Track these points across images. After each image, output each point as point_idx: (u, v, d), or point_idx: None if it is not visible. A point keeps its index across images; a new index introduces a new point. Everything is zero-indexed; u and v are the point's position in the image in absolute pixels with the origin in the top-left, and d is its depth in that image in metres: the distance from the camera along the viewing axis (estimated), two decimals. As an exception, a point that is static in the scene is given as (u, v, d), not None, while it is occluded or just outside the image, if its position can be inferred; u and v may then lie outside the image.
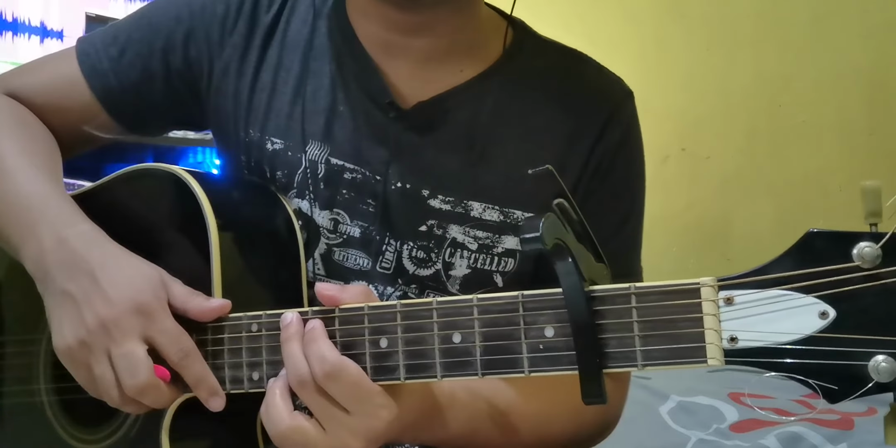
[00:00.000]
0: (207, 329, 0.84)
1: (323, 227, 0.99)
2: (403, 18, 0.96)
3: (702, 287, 0.59)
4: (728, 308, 0.58)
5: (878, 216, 0.57)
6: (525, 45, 1.03)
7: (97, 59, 1.05)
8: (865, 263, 0.55)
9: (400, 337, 0.71)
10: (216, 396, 0.82)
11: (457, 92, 0.99)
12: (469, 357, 0.68)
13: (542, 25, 1.07)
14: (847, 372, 0.55)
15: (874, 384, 0.54)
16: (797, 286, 0.56)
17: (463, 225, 0.97)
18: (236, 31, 1.03)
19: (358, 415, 0.72)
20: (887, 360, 0.54)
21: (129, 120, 1.08)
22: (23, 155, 0.97)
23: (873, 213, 0.57)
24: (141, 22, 1.07)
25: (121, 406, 0.83)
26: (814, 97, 2.01)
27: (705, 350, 0.58)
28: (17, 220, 0.90)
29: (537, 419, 0.92)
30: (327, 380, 0.72)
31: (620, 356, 0.61)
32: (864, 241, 0.55)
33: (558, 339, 0.64)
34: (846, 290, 0.55)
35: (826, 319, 0.56)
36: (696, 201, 2.08)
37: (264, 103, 1.01)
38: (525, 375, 0.65)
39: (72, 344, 0.82)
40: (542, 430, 0.93)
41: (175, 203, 0.92)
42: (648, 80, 2.12)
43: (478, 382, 0.88)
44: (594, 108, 1.00)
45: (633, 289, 0.61)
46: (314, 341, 0.73)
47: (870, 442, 1.31)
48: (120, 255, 0.85)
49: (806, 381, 0.56)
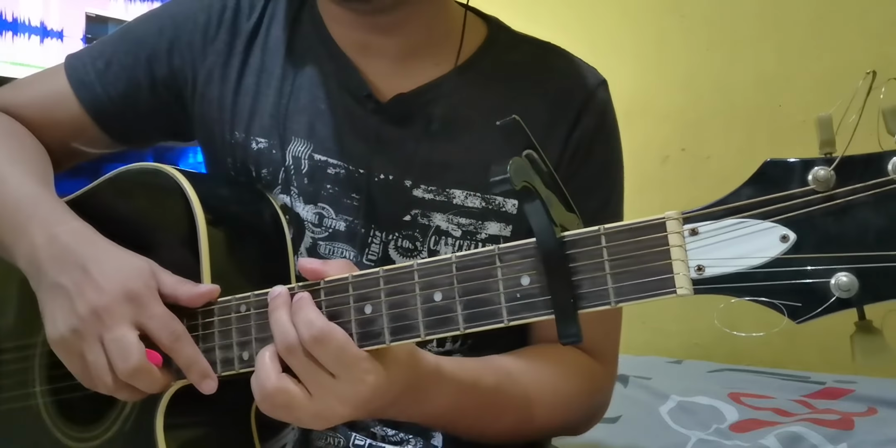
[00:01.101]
0: (198, 314, 0.85)
1: (308, 222, 1.01)
2: (372, 20, 1.00)
3: (667, 220, 0.61)
4: (693, 239, 0.60)
5: (832, 145, 0.59)
6: (499, 40, 1.06)
7: (84, 72, 1.09)
8: (820, 186, 0.57)
9: (383, 301, 0.73)
10: (208, 379, 0.83)
11: (434, 85, 1.02)
12: (450, 313, 0.69)
13: (541, 26, 1.10)
14: (810, 290, 0.57)
15: (835, 300, 0.56)
16: (757, 213, 0.58)
17: (446, 213, 0.99)
18: (218, 39, 1.06)
19: (344, 379, 0.73)
20: (847, 275, 0.56)
21: (118, 131, 1.11)
22: (13, 163, 1.00)
23: (827, 142, 0.59)
24: (126, 36, 1.11)
25: (114, 392, 0.84)
26: (814, 97, 2.01)
27: (674, 280, 0.60)
28: (9, 220, 0.93)
29: (524, 400, 0.93)
30: (314, 344, 0.73)
31: (594, 295, 0.63)
32: (818, 166, 0.58)
33: (533, 286, 0.66)
34: (804, 212, 0.57)
35: (787, 242, 0.57)
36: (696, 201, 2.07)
37: (248, 106, 1.04)
38: (505, 324, 0.67)
39: (65, 333, 0.83)
40: (528, 412, 0.94)
41: (165, 200, 0.95)
42: (648, 80, 2.15)
43: (465, 363, 0.90)
44: (568, 97, 1.02)
45: (603, 230, 0.63)
46: (301, 309, 0.74)
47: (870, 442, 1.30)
48: (110, 249, 0.88)
49: (772, 302, 0.57)
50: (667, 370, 1.80)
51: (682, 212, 0.61)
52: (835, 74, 1.98)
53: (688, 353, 1.98)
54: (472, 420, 0.91)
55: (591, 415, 1.04)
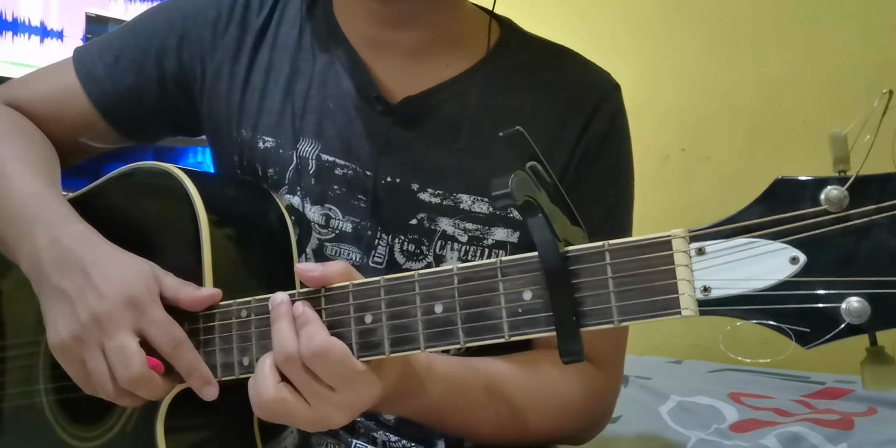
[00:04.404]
0: (199, 318, 0.84)
1: (314, 223, 0.99)
2: (386, 11, 0.98)
3: (673, 239, 0.59)
4: (700, 258, 0.58)
5: (846, 163, 0.57)
6: (511, 41, 1.04)
7: (93, 66, 1.08)
8: (833, 207, 0.55)
9: (384, 312, 0.72)
10: (209, 385, 0.82)
11: (444, 87, 1.00)
12: (451, 326, 0.68)
13: (542, 25, 1.08)
14: (820, 315, 0.55)
15: (846, 326, 0.54)
16: (767, 233, 0.56)
17: (453, 217, 0.97)
18: (228, 35, 1.05)
19: (343, 392, 0.72)
20: (859, 301, 0.54)
21: (126, 126, 1.10)
22: (19, 160, 0.99)
23: (841, 159, 0.57)
24: (135, 29, 1.09)
25: (115, 399, 0.83)
26: (814, 97, 1.99)
27: (679, 301, 0.58)
28: (13, 221, 0.92)
29: (518, 403, 0.92)
30: (314, 359, 0.72)
31: (597, 313, 0.61)
32: (830, 185, 0.55)
33: (536, 301, 0.64)
34: (815, 233, 0.55)
35: (797, 264, 0.55)
36: (696, 201, 2.06)
37: (256, 103, 1.03)
38: (506, 339, 0.65)
39: (66, 339, 0.83)
40: (521, 414, 0.92)
41: (168, 200, 0.93)
42: (648, 80, 2.13)
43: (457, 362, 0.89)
44: (580, 100, 1.00)
45: (607, 246, 0.61)
46: (307, 324, 0.74)
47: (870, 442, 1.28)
48: (112, 252, 0.87)
49: (779, 326, 0.56)
50: (667, 370, 1.78)
51: (689, 230, 0.59)
52: (835, 75, 1.97)
53: (688, 353, 1.97)
54: (461, 419, 0.90)
55: (593, 422, 1.02)
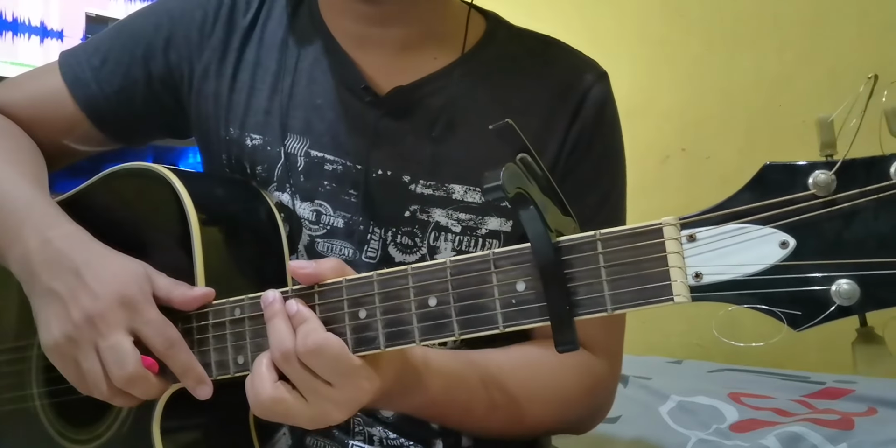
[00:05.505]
0: (192, 318, 0.84)
1: (305, 219, 0.99)
2: (372, 10, 0.98)
3: (664, 226, 0.59)
4: (691, 245, 0.58)
5: (832, 147, 0.58)
6: (498, 34, 1.05)
7: (80, 69, 1.07)
8: (821, 191, 0.56)
9: (378, 307, 0.72)
10: (203, 385, 0.82)
11: (432, 78, 1.00)
12: (445, 319, 0.68)
13: (541, 25, 1.09)
14: (810, 298, 0.55)
15: (836, 308, 0.55)
16: (756, 218, 0.57)
17: (446, 208, 0.98)
18: (214, 35, 1.05)
19: (341, 387, 0.72)
20: (849, 283, 0.55)
21: (113, 129, 1.09)
22: (7, 163, 0.99)
23: (828, 144, 0.58)
24: (122, 32, 1.09)
25: (110, 399, 0.83)
26: (814, 97, 1.99)
27: (671, 288, 0.58)
28: (2, 224, 0.92)
29: (516, 394, 0.92)
30: (310, 355, 0.72)
31: (590, 302, 0.61)
32: (818, 170, 0.56)
33: (529, 292, 0.64)
34: (804, 218, 0.56)
35: (786, 248, 0.56)
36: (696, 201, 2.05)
37: (243, 102, 1.03)
38: (500, 330, 0.66)
39: (59, 340, 0.83)
40: (519, 406, 0.93)
41: (158, 200, 0.93)
42: (648, 80, 2.13)
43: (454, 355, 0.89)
44: (568, 89, 1.01)
45: (599, 235, 0.62)
46: (304, 321, 0.74)
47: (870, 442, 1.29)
48: (104, 253, 0.87)
49: (771, 310, 0.56)
50: (667, 370, 1.78)
51: (679, 217, 0.59)
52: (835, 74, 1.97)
53: (688, 353, 1.98)
54: (460, 412, 0.90)
55: (593, 412, 1.02)
